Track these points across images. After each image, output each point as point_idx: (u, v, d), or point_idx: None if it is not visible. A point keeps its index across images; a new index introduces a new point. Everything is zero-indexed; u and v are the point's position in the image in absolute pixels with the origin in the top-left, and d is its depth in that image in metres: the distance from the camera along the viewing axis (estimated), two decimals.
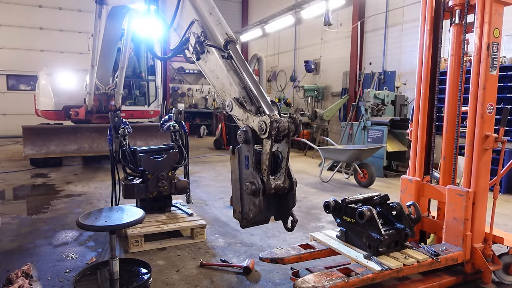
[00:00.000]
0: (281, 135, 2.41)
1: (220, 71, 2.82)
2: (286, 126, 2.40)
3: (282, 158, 2.52)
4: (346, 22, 12.58)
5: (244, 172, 2.52)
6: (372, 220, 2.92)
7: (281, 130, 2.37)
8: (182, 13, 3.18)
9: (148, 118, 10.88)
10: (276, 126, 2.33)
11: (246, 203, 2.54)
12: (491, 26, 3.01)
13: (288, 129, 2.41)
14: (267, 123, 2.31)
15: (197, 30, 2.97)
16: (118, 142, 4.36)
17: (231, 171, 2.65)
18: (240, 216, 2.62)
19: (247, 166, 2.48)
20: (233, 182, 2.66)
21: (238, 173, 2.58)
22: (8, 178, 7.60)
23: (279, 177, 2.52)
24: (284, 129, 2.38)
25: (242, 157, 2.53)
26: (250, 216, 2.52)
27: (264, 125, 2.34)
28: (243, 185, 2.54)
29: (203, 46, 2.90)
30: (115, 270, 2.98)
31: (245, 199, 2.53)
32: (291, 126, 2.42)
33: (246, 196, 2.51)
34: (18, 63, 15.24)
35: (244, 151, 2.51)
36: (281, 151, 2.54)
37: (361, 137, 8.73)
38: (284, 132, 2.39)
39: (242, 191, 2.57)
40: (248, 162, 2.47)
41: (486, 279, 3.23)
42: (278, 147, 2.55)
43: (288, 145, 2.49)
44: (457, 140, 3.40)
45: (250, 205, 2.50)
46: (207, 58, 2.92)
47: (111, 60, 7.51)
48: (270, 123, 2.30)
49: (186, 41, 3.07)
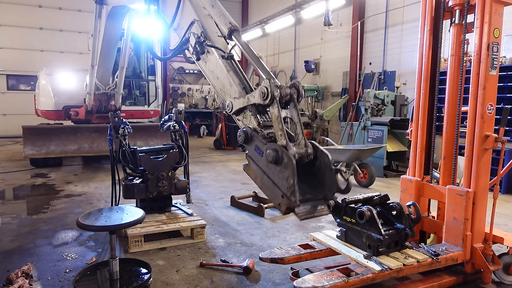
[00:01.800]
0: (284, 100, 2.31)
1: (220, 72, 2.81)
2: (288, 91, 2.30)
3: (295, 124, 2.35)
4: (346, 22, 12.58)
5: (262, 159, 2.27)
6: (372, 220, 2.92)
7: (283, 95, 2.28)
8: (182, 13, 3.19)
9: (148, 118, 10.88)
10: (277, 86, 2.25)
11: (280, 184, 2.18)
12: (491, 26, 3.01)
13: (291, 94, 2.32)
14: (267, 86, 2.24)
15: (197, 31, 2.97)
16: (118, 142, 4.36)
17: (255, 178, 2.38)
18: (285, 201, 2.16)
19: (261, 153, 2.26)
20: (261, 182, 2.34)
21: (258, 168, 2.32)
22: (8, 178, 7.60)
23: (299, 144, 2.29)
24: (286, 95, 2.29)
25: (253, 153, 2.34)
26: (290, 192, 2.11)
27: (265, 89, 2.25)
28: (270, 172, 2.24)
29: (203, 46, 2.90)
30: (115, 270, 2.98)
31: (277, 180, 2.19)
32: (293, 90, 2.34)
33: (275, 176, 2.20)
34: (18, 63, 15.25)
35: (251, 147, 2.35)
36: (290, 117, 2.37)
37: (361, 137, 8.73)
38: (286, 97, 2.30)
39: (271, 177, 2.24)
40: (260, 148, 2.28)
41: (486, 279, 3.23)
42: (287, 113, 2.36)
43: (296, 110, 2.35)
44: (457, 140, 3.40)
45: (283, 181, 2.14)
46: (207, 58, 2.92)
47: (111, 60, 7.51)
48: (270, 85, 2.23)
49: (186, 42, 3.08)
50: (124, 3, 5.26)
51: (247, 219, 5.10)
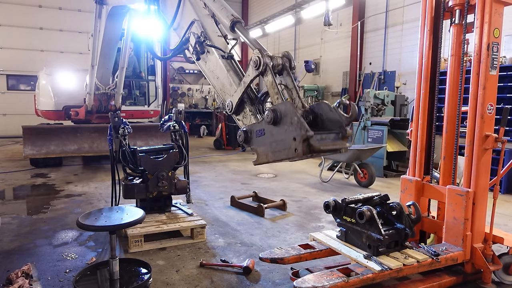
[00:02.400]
0: (276, 70, 2.38)
1: (220, 71, 2.81)
2: (280, 61, 2.38)
3: (290, 90, 2.38)
4: (346, 22, 12.59)
5: (266, 132, 2.27)
6: (372, 220, 2.92)
7: (275, 64, 2.35)
8: (182, 13, 3.19)
9: (148, 118, 10.89)
10: (268, 56, 2.33)
11: (288, 132, 2.10)
12: (491, 26, 3.01)
13: (283, 63, 2.40)
14: (259, 55, 2.32)
15: (197, 30, 2.97)
16: (118, 142, 4.36)
17: (267, 157, 2.31)
18: (298, 138, 2.04)
19: (262, 131, 2.27)
20: (273, 153, 2.25)
21: (265, 145, 2.27)
22: (8, 178, 7.60)
23: (296, 107, 2.27)
24: (278, 64, 2.37)
25: (257, 140, 2.33)
26: (299, 128, 2.03)
27: (257, 58, 2.33)
28: (276, 135, 2.20)
29: (203, 46, 2.90)
30: (115, 270, 2.98)
31: (284, 133, 2.13)
32: (285, 59, 2.41)
33: (282, 131, 2.14)
34: (18, 63, 15.25)
35: (253, 139, 2.36)
36: (285, 84, 2.43)
37: (361, 137, 8.73)
38: (279, 66, 2.38)
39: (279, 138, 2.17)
40: (260, 128, 2.30)
41: (486, 279, 3.23)
42: (281, 81, 2.43)
43: (290, 77, 2.42)
44: (457, 140, 3.40)
45: (290, 127, 2.09)
46: (207, 58, 2.92)
47: (111, 60, 7.51)
48: (262, 54, 2.31)
49: (186, 41, 3.08)
50: (124, 3, 5.27)
51: (247, 219, 5.10)
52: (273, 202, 5.60)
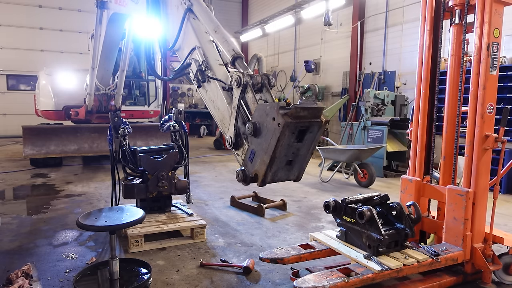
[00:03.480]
0: (256, 88, 2.56)
1: (220, 103, 2.78)
2: (259, 79, 2.56)
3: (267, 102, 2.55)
4: (346, 22, 12.58)
5: (255, 146, 2.42)
6: (372, 220, 2.92)
7: (255, 83, 2.54)
8: (184, 37, 3.15)
9: (148, 118, 10.88)
10: (248, 74, 2.52)
11: (269, 115, 2.27)
12: (491, 26, 3.01)
13: (262, 81, 2.57)
14: (240, 75, 2.52)
15: (198, 58, 2.93)
16: (118, 142, 4.36)
17: (265, 166, 2.39)
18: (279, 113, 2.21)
19: (253, 153, 2.43)
20: (267, 158, 2.35)
21: (259, 159, 2.38)
22: (8, 178, 7.60)
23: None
24: (257, 82, 2.55)
25: (251, 163, 2.46)
26: (277, 106, 2.22)
27: (238, 77, 2.52)
28: (263, 141, 2.34)
29: (205, 75, 2.87)
30: (115, 270, 2.98)
31: (266, 125, 2.30)
32: (264, 77, 2.59)
33: (264, 127, 2.31)
34: (18, 63, 15.25)
35: (247, 166, 2.49)
36: (265, 99, 2.60)
37: (361, 137, 8.73)
38: (258, 85, 2.56)
39: (266, 138, 2.32)
40: (251, 151, 2.44)
41: (486, 279, 3.23)
42: (261, 97, 2.61)
43: (269, 93, 2.60)
44: (457, 140, 3.40)
45: (269, 110, 2.27)
46: (209, 87, 2.89)
47: (111, 62, 7.50)
48: (243, 74, 2.51)
49: (188, 66, 3.05)
50: (125, 12, 5.25)
51: (247, 219, 5.10)
52: (273, 202, 5.60)
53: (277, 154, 2.30)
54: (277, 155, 2.31)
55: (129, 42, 7.60)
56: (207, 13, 3.02)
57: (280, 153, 2.32)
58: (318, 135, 2.45)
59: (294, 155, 2.43)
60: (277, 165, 2.37)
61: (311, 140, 2.44)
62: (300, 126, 2.29)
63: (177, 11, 3.23)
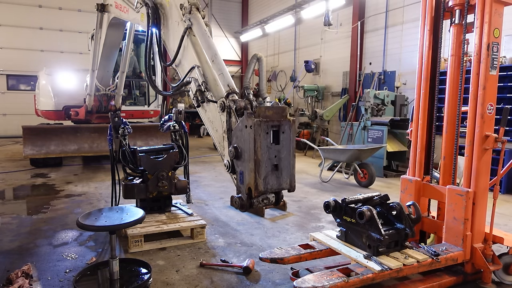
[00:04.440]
0: (239, 112, 2.59)
1: (219, 125, 2.77)
2: (242, 104, 2.60)
3: None
4: (346, 22, 12.58)
5: (241, 166, 2.52)
6: (372, 220, 2.92)
7: (238, 108, 2.59)
8: (183, 53, 3.13)
9: (148, 118, 10.88)
10: (232, 99, 2.62)
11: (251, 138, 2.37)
12: (491, 26, 3.01)
13: (245, 105, 2.61)
14: (223, 101, 2.65)
15: (197, 77, 2.91)
16: (118, 142, 4.36)
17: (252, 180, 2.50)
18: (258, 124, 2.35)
19: (241, 175, 2.53)
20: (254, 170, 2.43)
21: (250, 175, 2.46)
22: (8, 178, 7.60)
23: None
24: (240, 107, 2.59)
25: (241, 185, 2.56)
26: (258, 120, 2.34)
27: (222, 103, 2.66)
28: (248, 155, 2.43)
29: (204, 96, 2.85)
30: (115, 270, 2.98)
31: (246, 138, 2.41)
32: (246, 102, 2.63)
33: (246, 139, 2.42)
34: (18, 63, 15.25)
35: (240, 189, 2.58)
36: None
37: (361, 137, 8.73)
38: (241, 110, 2.59)
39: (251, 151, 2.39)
40: (242, 172, 2.51)
41: (486, 279, 3.23)
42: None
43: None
44: (457, 140, 3.40)
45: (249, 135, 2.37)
46: (208, 107, 2.88)
47: (111, 64, 7.50)
48: (226, 99, 2.64)
49: (187, 83, 3.03)
50: (125, 19, 5.24)
51: (247, 219, 5.10)
52: None
53: (260, 156, 2.36)
54: (260, 157, 2.36)
55: (129, 44, 7.60)
56: (206, 38, 2.98)
57: (262, 156, 2.37)
58: (292, 135, 2.51)
59: (278, 159, 2.46)
60: (264, 169, 2.39)
61: (288, 141, 2.49)
62: (271, 126, 2.41)
63: (177, 26, 3.22)
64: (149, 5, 3.40)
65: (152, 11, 3.40)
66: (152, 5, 3.41)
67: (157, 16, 3.42)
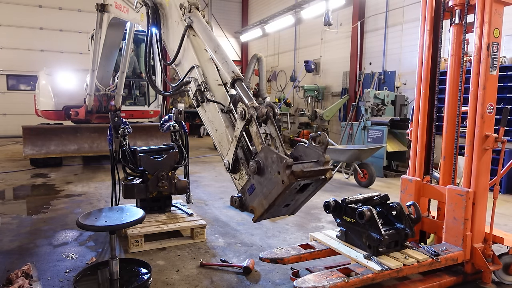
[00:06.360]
0: (261, 120, 2.46)
1: (219, 125, 2.76)
2: (264, 111, 2.45)
3: (274, 138, 2.47)
4: (346, 22, 12.58)
5: (256, 183, 2.40)
6: (372, 220, 2.92)
7: (259, 115, 2.43)
8: (183, 53, 3.12)
9: (148, 118, 10.88)
10: (254, 107, 2.42)
11: (273, 168, 2.23)
12: (491, 26, 3.01)
13: (267, 112, 2.46)
14: (244, 107, 2.43)
15: (197, 77, 2.90)
16: (118, 142, 4.36)
17: (262, 206, 2.41)
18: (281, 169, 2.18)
19: (253, 187, 2.41)
20: (267, 199, 2.35)
21: (258, 196, 2.38)
22: (8, 178, 7.60)
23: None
24: (262, 114, 2.44)
25: (250, 197, 2.46)
26: (279, 159, 2.19)
27: (243, 110, 2.44)
28: (264, 180, 2.31)
29: (203, 95, 2.84)
30: (115, 270, 2.98)
31: (270, 171, 2.26)
32: (268, 109, 2.48)
33: (267, 171, 2.27)
34: (18, 63, 15.24)
35: (247, 198, 2.48)
36: (269, 132, 2.51)
37: (361, 137, 8.73)
38: (263, 117, 2.45)
39: (267, 180, 2.29)
40: (250, 185, 2.43)
41: (486, 279, 3.23)
42: (266, 130, 2.53)
43: (274, 126, 2.50)
44: (457, 140, 3.40)
45: (273, 164, 2.23)
46: (207, 107, 2.86)
47: (111, 64, 7.50)
48: (247, 106, 2.42)
49: (187, 83, 3.02)
50: (125, 19, 5.24)
51: (247, 219, 5.10)
52: None
53: (276, 203, 2.32)
54: (276, 204, 2.32)
55: (129, 44, 7.60)
56: (208, 32, 2.98)
57: (280, 203, 2.34)
58: (320, 187, 2.45)
59: (293, 201, 2.45)
60: (275, 209, 2.39)
61: (312, 191, 2.45)
62: (304, 182, 2.29)
63: (177, 26, 3.21)
64: (149, 5, 3.40)
65: (152, 11, 3.40)
66: (152, 5, 3.41)
67: (157, 16, 3.42)
